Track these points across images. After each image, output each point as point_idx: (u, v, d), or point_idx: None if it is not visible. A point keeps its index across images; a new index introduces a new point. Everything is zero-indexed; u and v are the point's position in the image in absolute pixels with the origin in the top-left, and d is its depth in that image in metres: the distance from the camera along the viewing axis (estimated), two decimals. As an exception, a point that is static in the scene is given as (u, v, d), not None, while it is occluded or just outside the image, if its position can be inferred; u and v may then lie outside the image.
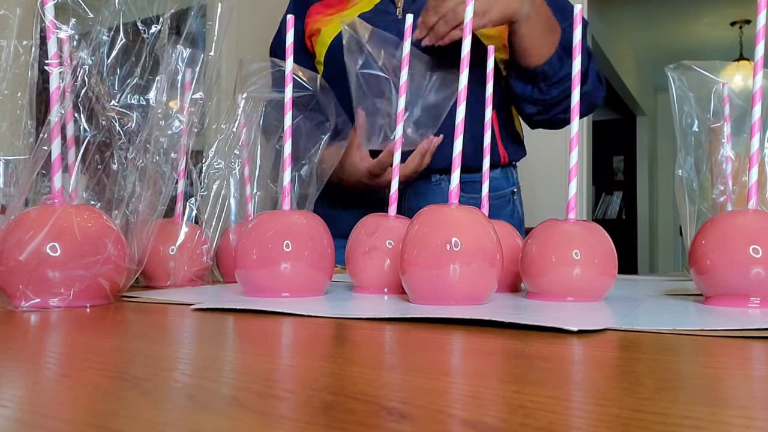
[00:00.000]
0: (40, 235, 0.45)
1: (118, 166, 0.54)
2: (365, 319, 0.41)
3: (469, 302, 0.46)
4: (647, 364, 0.28)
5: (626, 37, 4.70)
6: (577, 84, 0.51)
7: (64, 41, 0.50)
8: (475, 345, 0.33)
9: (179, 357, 0.31)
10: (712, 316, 0.41)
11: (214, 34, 0.65)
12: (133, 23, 0.57)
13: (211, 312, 0.45)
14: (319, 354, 0.32)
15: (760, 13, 0.47)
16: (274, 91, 0.69)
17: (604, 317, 0.42)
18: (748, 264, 0.44)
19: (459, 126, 0.48)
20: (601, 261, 0.49)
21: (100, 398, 0.22)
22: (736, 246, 0.45)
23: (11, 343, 0.35)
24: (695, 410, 0.20)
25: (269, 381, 0.25)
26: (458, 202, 0.48)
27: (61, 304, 0.46)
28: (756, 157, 0.47)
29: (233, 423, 0.19)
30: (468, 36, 0.49)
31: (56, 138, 0.48)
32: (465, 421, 0.19)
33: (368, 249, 0.55)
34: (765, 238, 0.44)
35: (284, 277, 0.51)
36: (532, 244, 0.51)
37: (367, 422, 0.19)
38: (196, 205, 0.68)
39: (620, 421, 0.19)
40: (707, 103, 0.64)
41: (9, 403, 0.22)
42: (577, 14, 0.52)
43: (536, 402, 0.21)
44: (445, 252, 0.45)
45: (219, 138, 0.71)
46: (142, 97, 0.57)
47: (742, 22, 4.27)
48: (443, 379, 0.25)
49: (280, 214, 0.55)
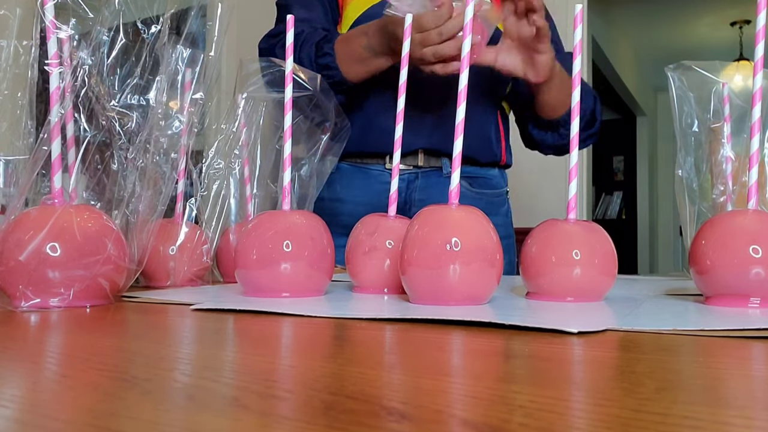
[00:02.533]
0: (40, 235, 0.45)
1: (118, 166, 0.54)
2: (365, 319, 0.41)
3: (469, 302, 0.46)
4: (647, 364, 0.28)
5: (626, 37, 4.70)
6: (578, 84, 0.51)
7: (64, 41, 0.50)
8: (475, 345, 0.33)
9: (179, 357, 0.31)
10: (712, 316, 0.41)
11: (214, 34, 0.65)
12: (133, 23, 0.57)
13: (211, 312, 0.45)
14: (319, 354, 0.32)
15: (760, 13, 0.47)
16: (274, 91, 0.69)
17: (604, 317, 0.42)
18: (748, 264, 0.44)
19: (459, 126, 0.48)
20: (601, 261, 0.49)
21: (100, 398, 0.22)
22: (736, 246, 0.45)
23: (11, 343, 0.35)
24: (695, 410, 0.20)
25: (269, 381, 0.25)
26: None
27: (61, 304, 0.46)
28: (756, 157, 0.47)
29: (233, 423, 0.19)
30: (468, 36, 0.49)
31: (56, 138, 0.48)
32: (465, 421, 0.19)
33: (368, 249, 0.55)
34: (765, 238, 0.44)
35: (284, 277, 0.51)
36: (532, 244, 0.51)
37: (367, 422, 0.19)
38: (196, 205, 0.68)
39: (620, 421, 0.19)
40: (707, 103, 0.64)
41: (9, 403, 0.22)
42: (577, 14, 0.52)
43: (536, 402, 0.21)
44: (445, 252, 0.45)
45: (219, 138, 0.71)
46: (142, 97, 0.57)
47: (742, 22, 4.27)
48: (443, 379, 0.25)
49: (280, 214, 0.55)
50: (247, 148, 0.72)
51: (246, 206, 0.72)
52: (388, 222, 0.57)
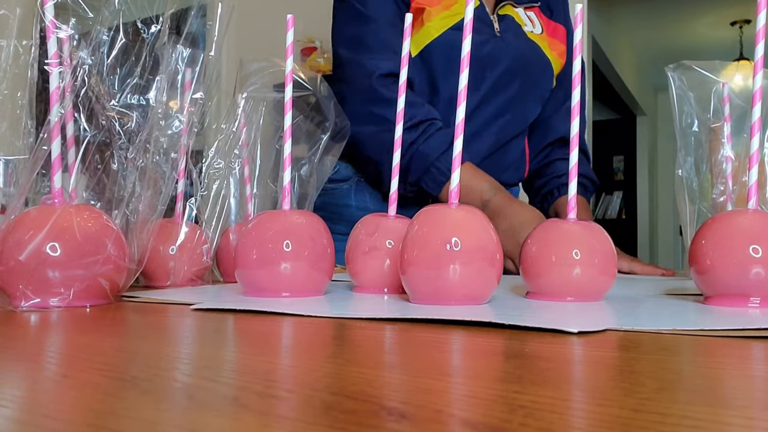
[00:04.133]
0: (40, 235, 0.45)
1: (118, 166, 0.54)
2: (365, 319, 0.41)
3: (469, 302, 0.46)
4: (647, 364, 0.28)
5: (626, 37, 4.70)
6: (578, 84, 0.51)
7: (64, 41, 0.50)
8: (475, 345, 0.33)
9: (179, 357, 0.31)
10: (712, 316, 0.41)
11: (214, 34, 0.65)
12: (133, 23, 0.57)
13: (211, 312, 0.45)
14: (319, 354, 0.32)
15: (760, 12, 0.47)
16: (275, 91, 0.69)
17: (604, 317, 0.42)
18: (748, 264, 0.44)
19: (459, 126, 0.48)
20: (601, 261, 0.49)
21: (100, 398, 0.22)
22: (736, 246, 0.45)
23: (11, 343, 0.35)
24: (695, 410, 0.20)
25: (269, 381, 0.25)
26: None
27: (61, 304, 0.46)
28: (756, 157, 0.47)
29: (233, 423, 0.19)
30: (468, 35, 0.48)
31: (56, 138, 0.48)
32: (465, 421, 0.19)
33: (368, 249, 0.55)
34: (765, 238, 0.44)
35: (284, 277, 0.51)
36: (532, 244, 0.51)
37: (367, 422, 0.19)
38: (196, 205, 0.68)
39: (620, 421, 0.19)
40: (707, 103, 0.64)
41: (9, 403, 0.22)
42: (577, 14, 0.52)
43: (536, 402, 0.21)
44: (445, 252, 0.45)
45: (219, 138, 0.71)
46: (142, 97, 0.57)
47: (742, 22, 4.27)
48: (443, 379, 0.25)
49: (280, 214, 0.55)
50: (247, 148, 0.72)
51: (246, 206, 0.72)
52: (388, 222, 0.57)
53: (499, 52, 1.00)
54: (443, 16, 0.96)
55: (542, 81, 1.07)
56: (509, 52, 1.00)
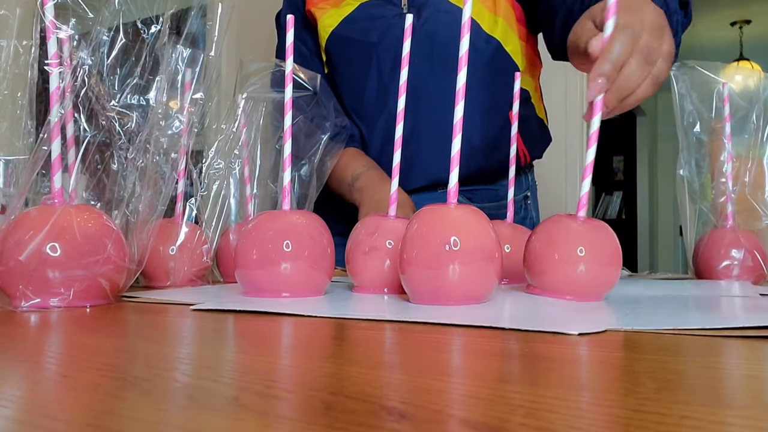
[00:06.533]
0: (40, 235, 0.45)
1: (118, 166, 0.54)
2: (365, 319, 0.41)
3: (469, 302, 0.46)
4: (647, 364, 0.28)
5: (626, 37, 4.68)
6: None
7: (64, 41, 0.50)
8: (474, 345, 0.33)
9: (179, 357, 0.31)
10: (713, 316, 0.41)
11: (214, 34, 0.65)
12: (133, 23, 0.57)
13: (211, 312, 0.45)
14: (319, 354, 0.32)
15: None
16: (274, 91, 0.69)
17: (604, 318, 0.42)
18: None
19: (457, 125, 0.48)
20: (605, 259, 0.49)
21: (100, 398, 0.22)
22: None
23: (11, 343, 0.35)
24: (695, 410, 0.20)
25: (269, 381, 0.25)
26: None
27: (61, 304, 0.46)
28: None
29: (233, 423, 0.19)
30: (467, 35, 0.49)
31: (56, 138, 0.48)
32: (465, 421, 0.19)
33: (368, 249, 0.55)
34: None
35: (284, 277, 0.51)
36: (536, 240, 0.51)
37: (367, 422, 0.19)
38: (196, 205, 0.68)
39: (620, 421, 0.19)
40: (709, 103, 0.64)
41: (9, 403, 0.22)
42: (611, 5, 0.51)
43: (536, 402, 0.21)
44: (445, 252, 0.45)
45: (219, 138, 0.71)
46: (142, 97, 0.57)
47: (742, 22, 4.27)
48: (443, 379, 0.25)
49: (280, 214, 0.55)
50: (247, 148, 0.72)
51: (246, 206, 0.72)
52: (388, 222, 0.57)
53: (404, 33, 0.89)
54: (332, 14, 1.00)
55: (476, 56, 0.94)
56: (421, 31, 0.94)
